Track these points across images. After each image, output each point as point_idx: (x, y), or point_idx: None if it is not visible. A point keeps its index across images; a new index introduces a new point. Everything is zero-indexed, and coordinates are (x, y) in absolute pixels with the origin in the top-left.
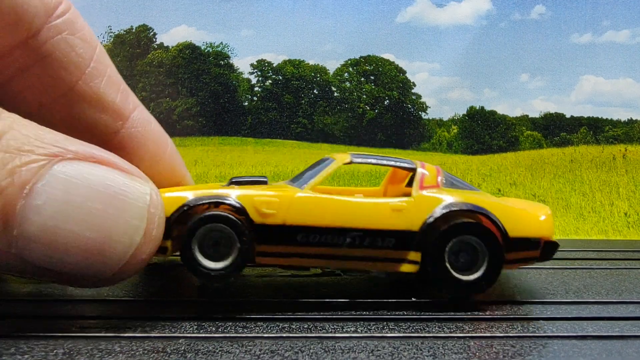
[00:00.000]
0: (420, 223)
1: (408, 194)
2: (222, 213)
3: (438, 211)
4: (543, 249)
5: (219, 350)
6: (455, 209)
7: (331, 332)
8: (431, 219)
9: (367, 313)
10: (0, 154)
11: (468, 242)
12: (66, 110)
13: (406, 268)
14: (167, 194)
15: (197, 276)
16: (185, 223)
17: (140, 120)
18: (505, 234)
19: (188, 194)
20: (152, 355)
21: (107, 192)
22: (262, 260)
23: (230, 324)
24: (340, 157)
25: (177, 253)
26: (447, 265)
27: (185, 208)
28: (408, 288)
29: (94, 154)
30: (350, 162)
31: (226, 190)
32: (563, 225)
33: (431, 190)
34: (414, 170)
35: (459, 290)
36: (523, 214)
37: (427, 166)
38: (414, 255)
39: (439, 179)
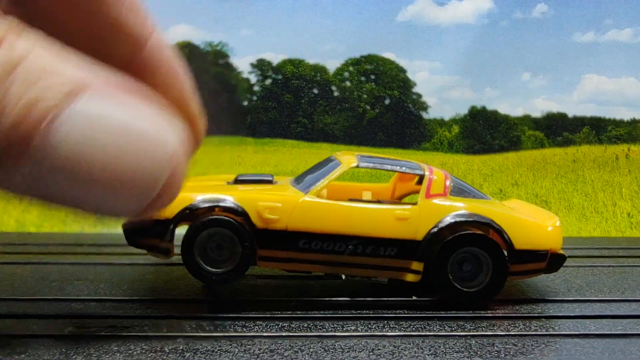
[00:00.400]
0: (424, 233)
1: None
2: (225, 217)
3: (443, 221)
4: (550, 260)
5: (218, 350)
6: (460, 219)
7: (331, 331)
8: (435, 229)
9: (368, 312)
10: (17, 82)
11: (472, 253)
12: (87, 33)
13: (408, 277)
14: None
15: (199, 279)
16: (188, 225)
17: (156, 46)
18: (512, 245)
19: (192, 195)
20: (150, 355)
21: (133, 131)
22: (263, 265)
23: (229, 323)
24: (347, 160)
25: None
26: (450, 276)
27: (187, 211)
28: (408, 287)
29: (125, 85)
30: (357, 166)
31: (229, 192)
32: (565, 226)
33: (438, 198)
34: (421, 176)
35: (460, 301)
36: (530, 225)
37: (435, 171)
38: (417, 265)
39: (447, 185)
